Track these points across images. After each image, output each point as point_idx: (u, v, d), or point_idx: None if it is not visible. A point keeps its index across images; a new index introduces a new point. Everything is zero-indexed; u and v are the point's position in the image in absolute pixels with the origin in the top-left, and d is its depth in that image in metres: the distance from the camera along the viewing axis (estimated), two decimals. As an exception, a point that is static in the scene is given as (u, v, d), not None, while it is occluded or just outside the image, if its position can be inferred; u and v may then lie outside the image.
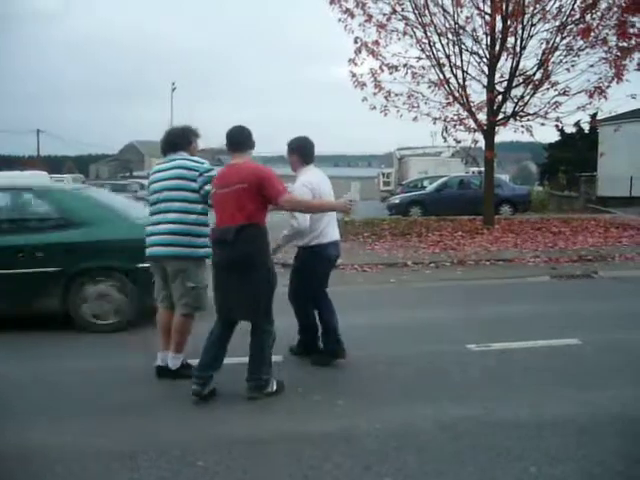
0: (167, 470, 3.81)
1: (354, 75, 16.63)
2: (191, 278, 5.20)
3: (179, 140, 5.52)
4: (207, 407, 4.80)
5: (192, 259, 5.22)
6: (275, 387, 5.01)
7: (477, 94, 17.17)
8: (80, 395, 5.16)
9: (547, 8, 15.95)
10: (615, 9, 15.38)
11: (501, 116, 17.11)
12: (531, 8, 15.92)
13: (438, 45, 16.68)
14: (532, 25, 16.18)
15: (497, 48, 16.40)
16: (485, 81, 16.84)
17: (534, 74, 16.49)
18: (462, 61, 16.78)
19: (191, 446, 4.11)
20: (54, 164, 60.62)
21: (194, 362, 5.16)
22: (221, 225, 4.85)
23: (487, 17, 16.17)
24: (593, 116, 20.47)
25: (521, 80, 16.78)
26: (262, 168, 4.99)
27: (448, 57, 16.75)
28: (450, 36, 16.63)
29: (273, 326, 4.99)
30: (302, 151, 5.66)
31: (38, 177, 28.27)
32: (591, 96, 16.05)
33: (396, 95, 16.68)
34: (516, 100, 16.90)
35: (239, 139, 5.04)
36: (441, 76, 16.79)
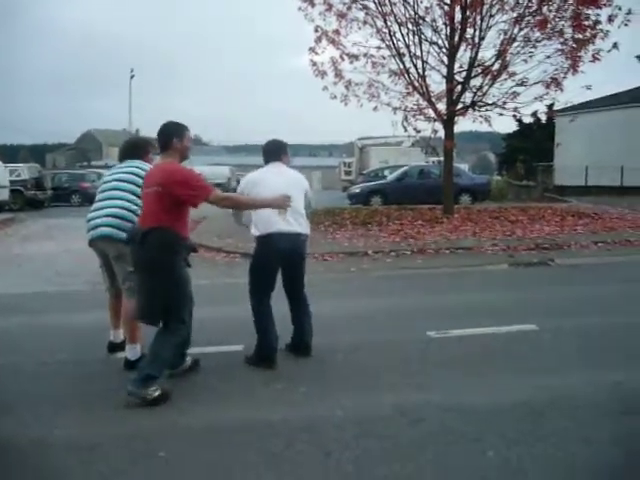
0: (127, 462, 3.79)
1: (314, 64, 16.63)
2: (130, 263, 5.18)
3: (136, 150, 5.71)
4: (177, 397, 4.77)
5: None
6: (157, 394, 4.61)
7: (437, 84, 17.33)
8: (42, 386, 5.09)
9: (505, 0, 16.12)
10: (571, 1, 15.60)
11: (460, 106, 17.26)
12: (490, -1, 16.08)
13: (398, 35, 16.78)
14: (491, 16, 16.35)
15: (456, 38, 16.53)
16: (444, 71, 16.97)
17: (492, 64, 16.67)
18: (422, 51, 16.90)
19: (153, 437, 4.10)
20: (9, 153, 59.33)
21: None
22: (140, 224, 4.82)
23: (446, 7, 16.28)
24: (550, 107, 20.77)
25: (480, 70, 16.94)
26: (179, 170, 4.76)
27: (408, 47, 16.85)
28: (410, 26, 16.73)
29: (184, 329, 4.86)
30: (263, 152, 5.82)
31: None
32: (548, 87, 16.32)
33: (356, 84, 16.74)
34: (475, 90, 17.06)
35: (164, 139, 4.89)
36: (401, 66, 16.89)
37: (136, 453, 3.89)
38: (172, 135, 4.88)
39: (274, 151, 5.82)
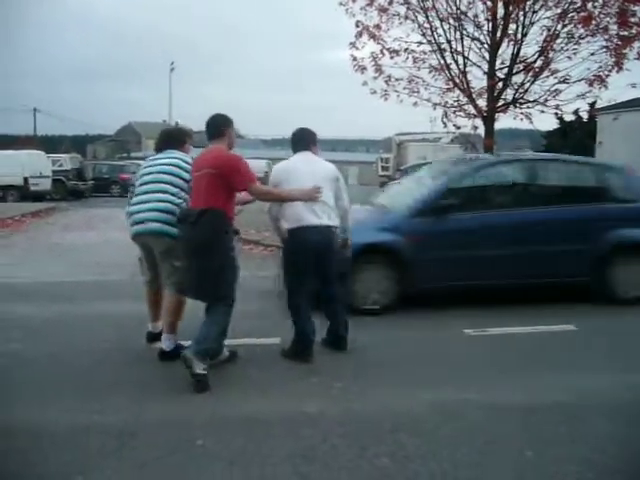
0: (165, 448, 3.85)
1: (355, 59, 16.56)
2: (178, 258, 5.21)
3: (173, 140, 5.77)
4: (214, 388, 4.82)
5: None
6: (203, 373, 4.74)
7: (478, 80, 17.11)
8: (82, 374, 5.19)
9: (549, -5, 15.89)
10: (616, -3, 15.32)
11: (501, 103, 17.06)
12: (533, -6, 15.86)
13: (439, 30, 16.59)
14: (534, 12, 16.11)
15: (498, 34, 16.32)
16: (486, 67, 16.76)
17: (535, 61, 16.43)
18: (463, 47, 16.70)
19: (191, 425, 4.16)
20: (51, 144, 60.35)
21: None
22: (192, 206, 5.01)
23: (489, 3, 16.06)
24: (592, 105, 20.46)
25: (522, 67, 16.71)
26: (233, 157, 5.10)
27: (449, 42, 16.68)
28: (452, 21, 16.55)
29: (231, 308, 4.99)
30: (291, 141, 5.77)
31: (36, 156, 28.31)
32: (591, 84, 16.02)
33: (396, 80, 16.62)
34: (516, 87, 16.84)
35: (215, 126, 5.19)
36: (442, 61, 16.73)
37: (175, 441, 3.95)
38: (223, 124, 5.21)
39: (302, 140, 5.74)
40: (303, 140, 5.73)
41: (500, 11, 16.08)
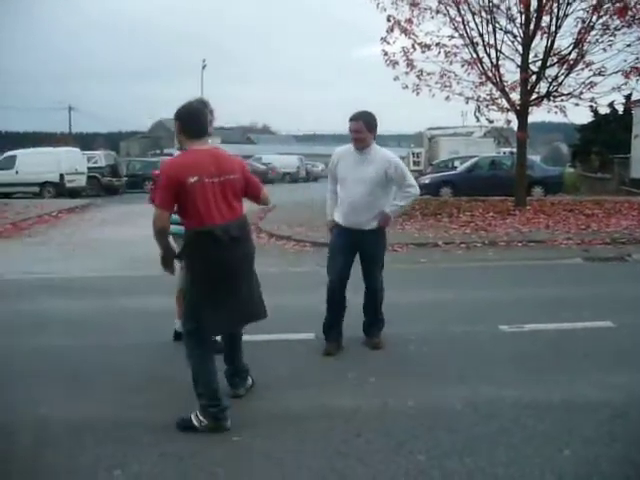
0: (202, 443, 3.90)
1: (386, 54, 16.56)
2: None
3: None
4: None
5: None
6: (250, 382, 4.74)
7: (510, 74, 16.99)
8: (113, 368, 5.26)
9: (584, -14, 15.67)
10: (653, -13, 15.06)
11: (535, 96, 16.91)
12: (567, -14, 15.66)
13: (471, 24, 16.54)
14: (568, 4, 15.94)
15: (532, 27, 16.18)
16: (519, 60, 16.63)
17: (569, 54, 16.26)
18: (496, 40, 16.62)
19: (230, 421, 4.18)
20: (85, 141, 61.11)
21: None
22: (215, 220, 4.03)
23: (522, -5, 15.93)
24: (628, 97, 20.12)
25: (555, 60, 16.55)
26: (241, 160, 4.58)
27: (481, 36, 16.59)
28: (484, 14, 16.46)
29: None
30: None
31: (71, 153, 28.73)
32: (627, 76, 15.79)
33: (428, 74, 16.58)
34: (550, 80, 16.69)
35: (201, 123, 4.18)
36: (474, 55, 16.65)
37: (211, 436, 3.99)
38: (206, 118, 4.21)
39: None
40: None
41: (533, 3, 15.97)
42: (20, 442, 3.99)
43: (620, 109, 34.79)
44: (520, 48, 16.54)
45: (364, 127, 5.29)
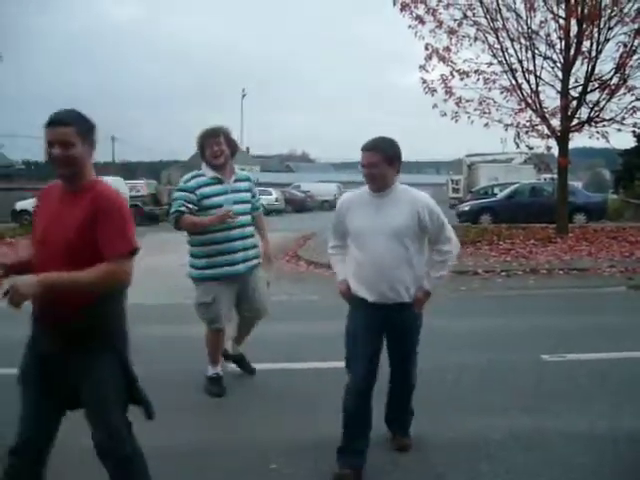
0: (238, 471, 3.91)
1: (425, 81, 16.60)
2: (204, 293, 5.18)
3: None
4: (287, 411, 4.87)
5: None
6: None
7: (550, 100, 16.88)
8: (159, 393, 5.28)
9: (625, 10, 15.55)
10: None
11: (575, 122, 16.75)
12: (608, 11, 15.57)
13: (510, 50, 16.52)
14: (609, 28, 15.82)
15: (572, 52, 16.09)
16: (559, 86, 16.53)
17: (610, 78, 16.11)
18: (535, 66, 16.56)
19: (265, 448, 4.18)
20: (128, 170, 62.20)
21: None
22: None
23: (561, 21, 15.89)
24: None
25: (597, 85, 16.41)
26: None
27: (520, 62, 16.55)
28: (523, 41, 16.44)
29: None
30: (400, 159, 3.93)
31: (115, 182, 29.27)
32: (671, 101, 15.58)
33: (467, 101, 16.56)
34: (591, 105, 16.53)
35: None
36: (513, 82, 16.60)
37: (249, 464, 3.99)
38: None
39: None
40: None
41: (573, 29, 15.89)
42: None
43: (664, 134, 34.28)
44: (560, 74, 16.45)
45: (382, 160, 3.74)
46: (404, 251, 3.77)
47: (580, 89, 16.49)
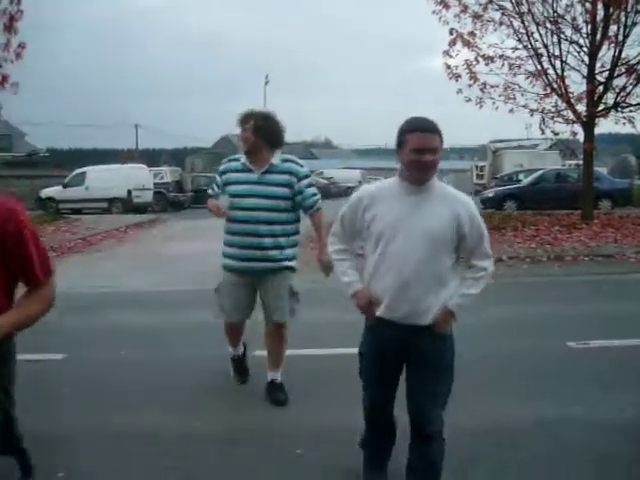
0: (263, 457, 3.95)
1: (449, 67, 16.48)
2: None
3: None
4: (312, 397, 4.90)
5: None
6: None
7: (576, 85, 16.69)
8: (180, 380, 5.36)
9: (653, -7, 15.31)
10: None
11: (601, 107, 16.56)
12: (635, -6, 15.34)
13: (536, 35, 16.34)
14: (636, 12, 15.59)
15: (598, 37, 15.88)
16: (585, 71, 16.33)
17: (638, 63, 15.88)
18: (561, 51, 16.37)
19: (292, 435, 4.23)
20: (152, 157, 62.48)
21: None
22: None
23: (588, 5, 15.67)
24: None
25: (624, 70, 16.18)
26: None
27: (546, 47, 16.37)
28: (548, 25, 16.24)
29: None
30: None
31: (138, 169, 29.50)
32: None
33: (492, 87, 16.43)
34: (618, 90, 16.32)
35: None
36: (539, 67, 16.43)
37: (272, 449, 4.04)
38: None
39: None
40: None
41: (600, 13, 15.67)
42: (87, 448, 4.12)
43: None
44: (586, 58, 16.25)
45: (441, 146, 3.06)
46: (438, 264, 3.09)
47: (606, 74, 16.29)
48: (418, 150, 2.97)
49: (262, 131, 4.61)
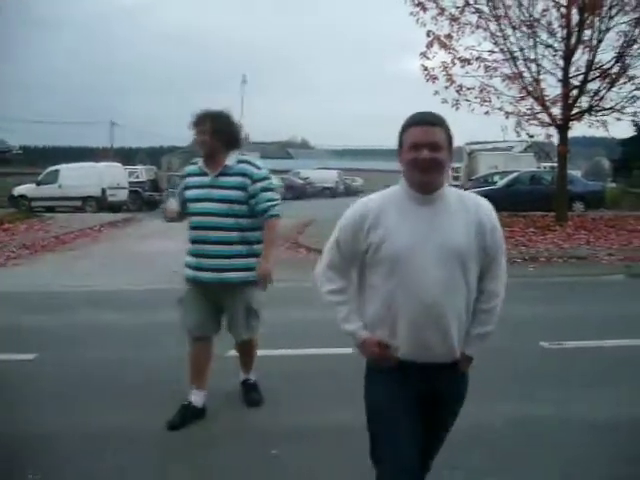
0: (238, 457, 3.94)
1: (425, 69, 16.55)
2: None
3: None
4: (288, 397, 4.89)
5: None
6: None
7: (552, 88, 16.89)
8: (156, 378, 5.32)
9: (626, 0, 15.52)
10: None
11: (576, 111, 16.75)
12: (609, 0, 15.53)
13: (512, 38, 16.52)
14: (610, 18, 15.81)
15: (573, 41, 16.08)
16: (560, 75, 16.53)
17: (611, 68, 16.12)
18: (536, 54, 16.56)
19: (268, 435, 4.22)
20: (127, 156, 62.05)
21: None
22: None
23: (563, 9, 15.86)
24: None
25: (597, 74, 16.40)
26: None
27: (522, 50, 16.54)
28: (524, 29, 16.40)
29: None
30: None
31: (113, 168, 29.26)
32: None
33: (468, 89, 16.53)
34: (592, 94, 16.54)
35: None
36: (515, 70, 16.59)
37: (250, 448, 4.03)
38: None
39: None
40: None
41: (575, 17, 15.88)
42: (58, 448, 4.07)
43: (663, 123, 34.31)
44: (561, 62, 16.44)
45: (447, 142, 2.58)
46: (468, 287, 2.57)
47: (581, 78, 16.50)
48: (414, 145, 2.50)
49: (219, 133, 4.32)
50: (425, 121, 2.54)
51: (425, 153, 2.47)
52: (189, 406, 4.45)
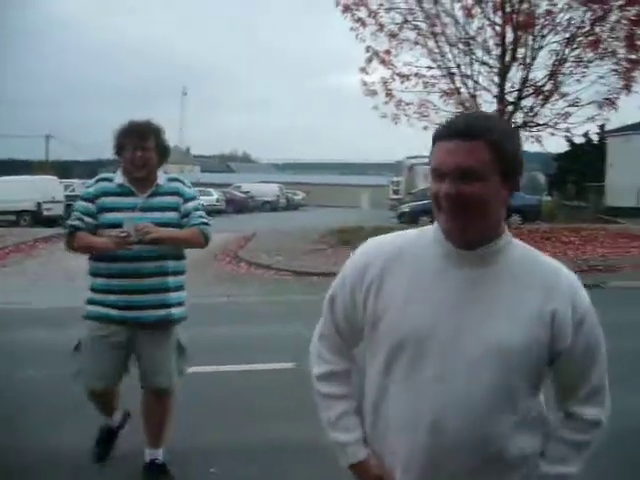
0: (177, 476, 3.86)
1: (365, 84, 16.75)
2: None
3: None
4: (229, 414, 4.84)
5: None
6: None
7: (488, 104, 17.26)
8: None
9: (557, 20, 16.05)
10: (624, 22, 15.45)
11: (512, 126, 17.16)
12: (541, 20, 16.01)
13: (449, 55, 16.84)
14: (542, 36, 16.28)
15: (507, 59, 16.48)
16: (496, 91, 16.91)
17: (544, 85, 16.58)
18: (472, 71, 16.92)
19: (206, 453, 4.17)
20: (64, 169, 60.74)
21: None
22: None
23: (498, 28, 16.27)
24: (601, 127, 20.53)
25: (531, 91, 16.86)
26: None
27: (459, 67, 16.87)
28: (461, 46, 16.75)
29: None
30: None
31: (48, 181, 28.61)
32: (601, 107, 16.14)
33: (407, 104, 16.78)
34: (526, 110, 16.98)
35: None
36: (452, 85, 16.90)
37: (188, 467, 3.98)
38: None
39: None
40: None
41: (509, 36, 16.30)
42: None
43: (595, 139, 35.63)
44: (496, 79, 16.84)
45: (493, 163, 1.57)
46: (512, 409, 1.60)
47: (516, 94, 16.91)
48: (437, 173, 1.64)
49: (162, 149, 3.76)
50: (457, 132, 1.57)
51: (446, 187, 1.59)
52: (111, 429, 4.16)
